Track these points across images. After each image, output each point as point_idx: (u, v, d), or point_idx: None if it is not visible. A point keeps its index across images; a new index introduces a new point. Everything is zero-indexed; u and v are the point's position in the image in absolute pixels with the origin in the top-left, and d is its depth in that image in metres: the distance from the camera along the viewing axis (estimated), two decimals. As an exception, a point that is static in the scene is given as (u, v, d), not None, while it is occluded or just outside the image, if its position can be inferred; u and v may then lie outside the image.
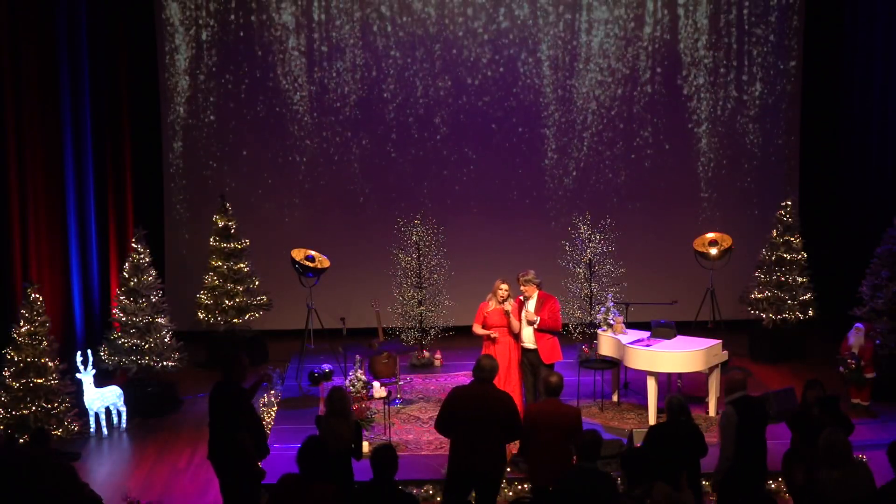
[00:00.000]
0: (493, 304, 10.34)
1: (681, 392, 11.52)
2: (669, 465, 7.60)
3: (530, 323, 10.30)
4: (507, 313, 10.22)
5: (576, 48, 14.60)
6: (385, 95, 14.58)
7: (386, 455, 6.48)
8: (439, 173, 14.79)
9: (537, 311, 10.31)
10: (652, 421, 10.64)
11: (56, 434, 10.40)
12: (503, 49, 14.55)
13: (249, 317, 13.47)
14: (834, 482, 6.73)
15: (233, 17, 14.35)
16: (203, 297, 13.44)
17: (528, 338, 10.38)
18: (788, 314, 13.31)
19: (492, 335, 10.26)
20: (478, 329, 10.41)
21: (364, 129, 14.65)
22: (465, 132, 14.71)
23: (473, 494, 7.98)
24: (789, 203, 13.44)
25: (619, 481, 7.54)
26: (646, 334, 11.24)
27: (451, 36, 14.51)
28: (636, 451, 7.28)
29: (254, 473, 8.05)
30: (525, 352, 10.43)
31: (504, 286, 10.29)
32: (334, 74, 14.50)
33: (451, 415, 7.79)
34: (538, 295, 10.38)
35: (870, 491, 6.83)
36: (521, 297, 10.40)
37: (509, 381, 10.34)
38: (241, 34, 14.40)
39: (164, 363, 11.71)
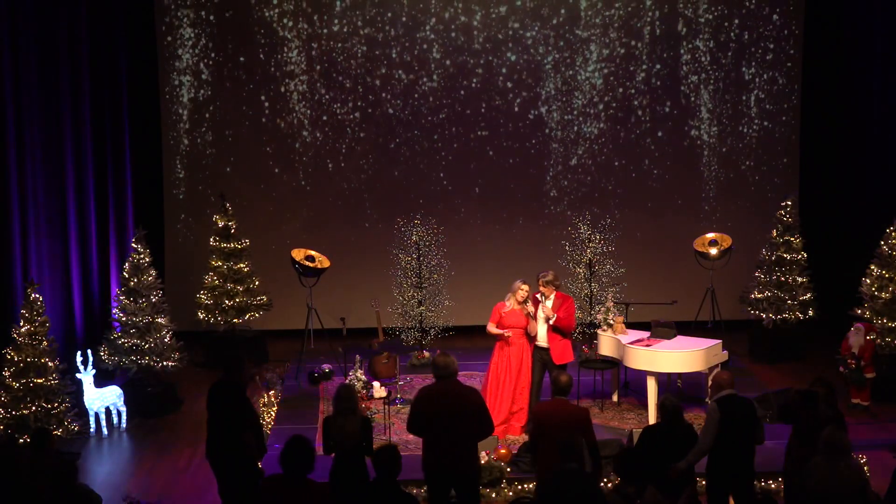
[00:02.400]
0: (510, 305, 10.33)
1: (681, 393, 11.53)
2: (663, 466, 7.62)
3: (547, 319, 10.30)
4: (529, 314, 10.23)
5: (577, 51, 14.60)
6: (386, 96, 14.58)
7: (390, 455, 6.48)
8: (440, 173, 14.79)
9: (554, 310, 10.33)
10: (652, 421, 10.65)
11: (56, 434, 10.39)
12: (505, 52, 14.55)
13: (249, 317, 13.47)
14: (823, 469, 6.83)
15: (234, 14, 14.35)
16: (203, 297, 13.44)
17: (542, 336, 10.41)
18: (788, 314, 13.31)
19: (506, 334, 10.27)
20: (492, 328, 10.42)
21: (365, 130, 14.65)
22: (465, 132, 14.70)
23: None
24: (789, 203, 13.43)
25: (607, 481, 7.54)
26: (646, 334, 11.25)
27: (453, 38, 14.51)
28: (629, 451, 7.29)
29: (253, 473, 8.06)
30: (538, 350, 10.46)
31: (525, 287, 10.30)
32: (336, 75, 14.50)
33: (420, 415, 7.80)
34: (556, 295, 10.41)
35: (859, 488, 6.90)
36: (538, 295, 10.43)
37: (520, 382, 10.38)
38: (243, 34, 14.40)
39: (164, 363, 11.71)
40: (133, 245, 11.84)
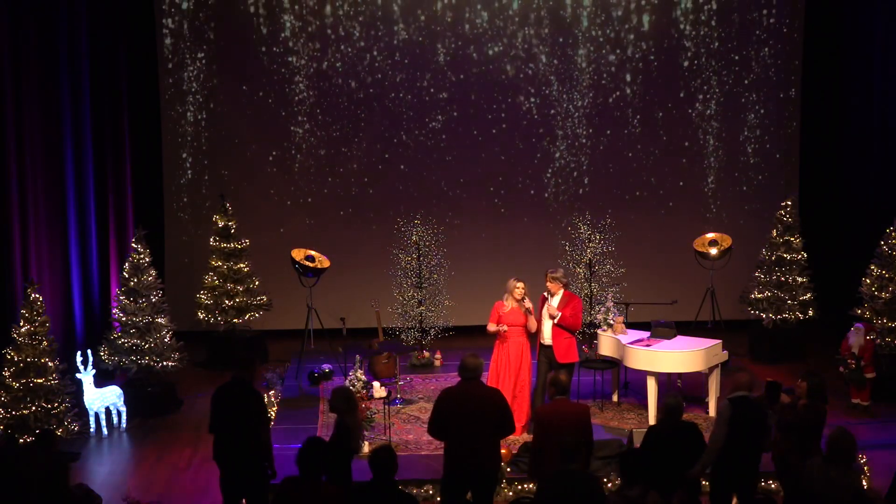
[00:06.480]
0: (509, 304, 10.33)
1: (682, 392, 11.52)
2: (668, 466, 7.59)
3: (552, 317, 10.30)
4: (527, 311, 10.21)
5: (577, 51, 14.59)
6: (386, 96, 14.57)
7: (385, 456, 6.48)
8: (439, 173, 14.78)
9: (560, 308, 10.33)
10: (652, 421, 10.65)
11: (56, 434, 10.38)
12: (506, 51, 14.55)
13: (249, 317, 13.47)
14: (820, 473, 6.80)
15: (234, 14, 14.35)
16: (203, 297, 13.44)
17: (547, 335, 10.39)
18: (788, 314, 13.30)
19: (502, 328, 10.26)
20: (491, 327, 10.41)
21: (364, 130, 14.65)
22: (465, 132, 14.71)
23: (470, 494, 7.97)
24: (789, 203, 13.43)
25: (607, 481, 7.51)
26: (646, 334, 11.24)
27: (453, 38, 14.50)
28: (634, 451, 7.26)
29: (266, 473, 8.03)
30: (542, 348, 10.45)
31: (520, 284, 10.28)
32: (335, 75, 14.50)
33: (443, 417, 7.76)
34: (563, 294, 10.40)
35: (855, 494, 6.86)
36: (546, 294, 10.42)
37: (519, 380, 10.37)
38: (244, 32, 14.40)
39: (164, 363, 11.71)
40: (133, 245, 11.84)
